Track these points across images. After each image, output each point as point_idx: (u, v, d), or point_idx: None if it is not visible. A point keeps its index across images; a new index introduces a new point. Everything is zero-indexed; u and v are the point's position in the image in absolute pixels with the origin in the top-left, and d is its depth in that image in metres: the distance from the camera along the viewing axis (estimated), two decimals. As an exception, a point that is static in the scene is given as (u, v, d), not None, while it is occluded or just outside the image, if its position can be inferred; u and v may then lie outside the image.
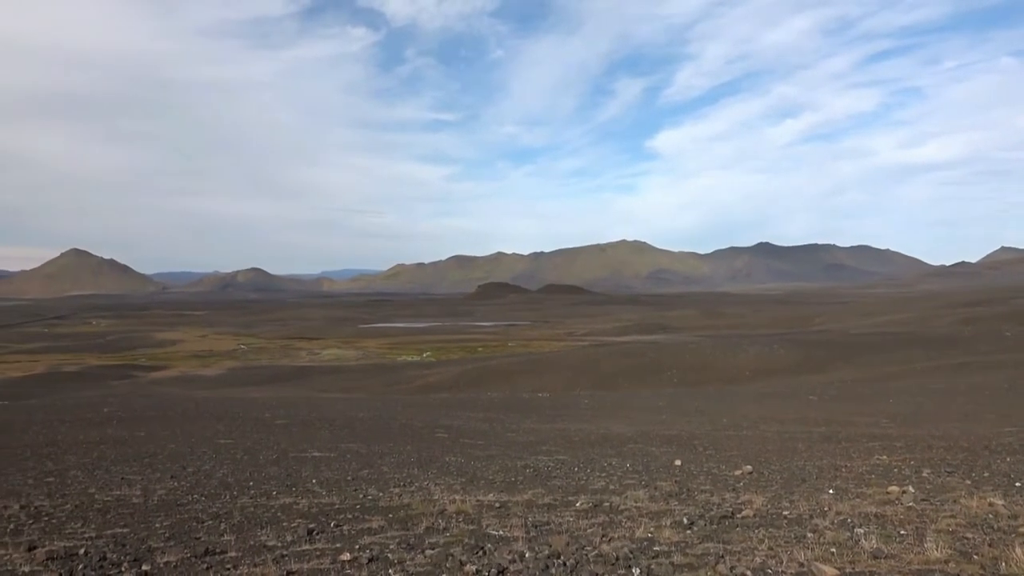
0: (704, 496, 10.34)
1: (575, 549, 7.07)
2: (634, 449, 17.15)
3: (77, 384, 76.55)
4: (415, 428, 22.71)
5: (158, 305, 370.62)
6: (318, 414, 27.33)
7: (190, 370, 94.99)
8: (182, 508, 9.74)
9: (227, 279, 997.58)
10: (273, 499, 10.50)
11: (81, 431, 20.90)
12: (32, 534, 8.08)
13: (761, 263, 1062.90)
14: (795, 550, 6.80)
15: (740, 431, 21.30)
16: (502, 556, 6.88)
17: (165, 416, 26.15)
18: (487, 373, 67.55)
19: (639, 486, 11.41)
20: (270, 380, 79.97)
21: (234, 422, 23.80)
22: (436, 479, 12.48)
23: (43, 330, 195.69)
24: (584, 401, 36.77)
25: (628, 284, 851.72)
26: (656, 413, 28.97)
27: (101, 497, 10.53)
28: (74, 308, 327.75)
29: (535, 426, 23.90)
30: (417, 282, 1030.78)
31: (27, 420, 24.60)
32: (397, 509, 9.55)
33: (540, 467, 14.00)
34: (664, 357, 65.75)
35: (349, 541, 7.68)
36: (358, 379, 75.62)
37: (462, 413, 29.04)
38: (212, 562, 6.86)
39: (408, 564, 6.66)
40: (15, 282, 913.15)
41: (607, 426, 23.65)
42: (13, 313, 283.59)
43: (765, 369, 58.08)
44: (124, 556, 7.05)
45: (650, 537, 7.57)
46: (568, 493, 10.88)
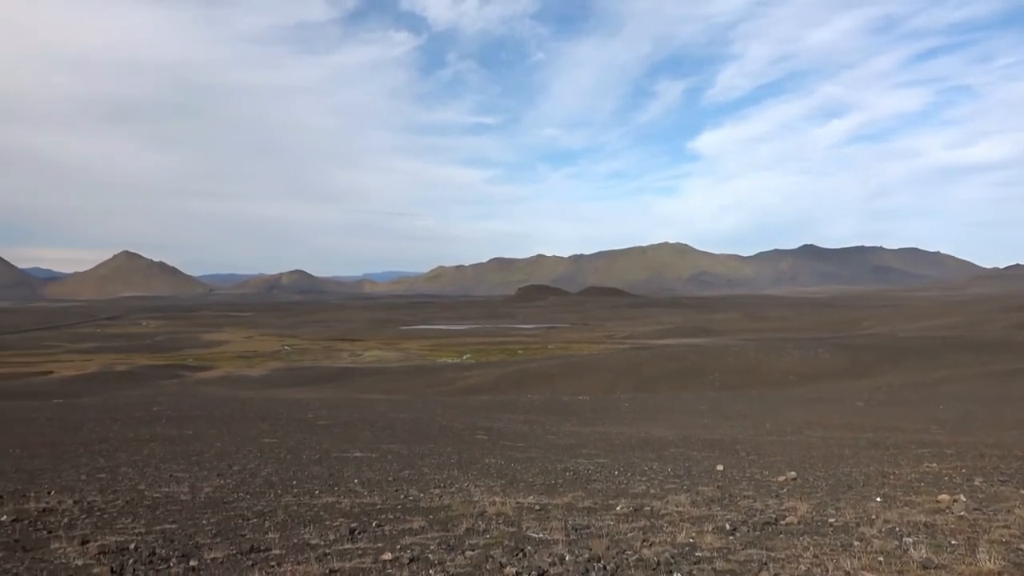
0: (747, 502, 10.21)
1: (615, 553, 7.04)
2: (675, 453, 17.00)
3: (127, 383, 78.49)
4: (455, 430, 22.81)
5: (205, 306, 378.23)
6: (360, 415, 27.62)
7: (235, 370, 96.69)
8: (228, 506, 9.92)
9: (272, 281, 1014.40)
10: (316, 498, 10.64)
11: (131, 429, 21.43)
12: (85, 528, 8.31)
13: (805, 265, 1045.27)
14: (841, 559, 6.68)
15: (784, 436, 20.98)
16: (542, 559, 6.89)
17: (211, 415, 26.67)
18: (527, 375, 67.55)
19: (680, 490, 11.31)
20: (313, 381, 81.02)
21: (278, 422, 24.17)
22: (476, 481, 12.52)
23: (96, 331, 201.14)
24: (625, 404, 36.55)
25: (669, 286, 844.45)
26: (698, 417, 28.68)
27: (150, 493, 10.78)
28: (125, 309, 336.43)
29: (575, 429, 23.84)
30: (457, 284, 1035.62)
31: (81, 418, 25.30)
32: (438, 510, 9.60)
33: (580, 470, 13.95)
34: (706, 360, 65.04)
35: (390, 541, 7.75)
36: (399, 380, 76.22)
37: (502, 415, 29.09)
38: (257, 559, 6.98)
39: (448, 565, 6.70)
40: (69, 284, 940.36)
41: (648, 430, 23.48)
42: (67, 314, 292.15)
43: (810, 373, 57.08)
44: (172, 551, 7.21)
45: (692, 542, 7.50)
46: (608, 496, 10.83)
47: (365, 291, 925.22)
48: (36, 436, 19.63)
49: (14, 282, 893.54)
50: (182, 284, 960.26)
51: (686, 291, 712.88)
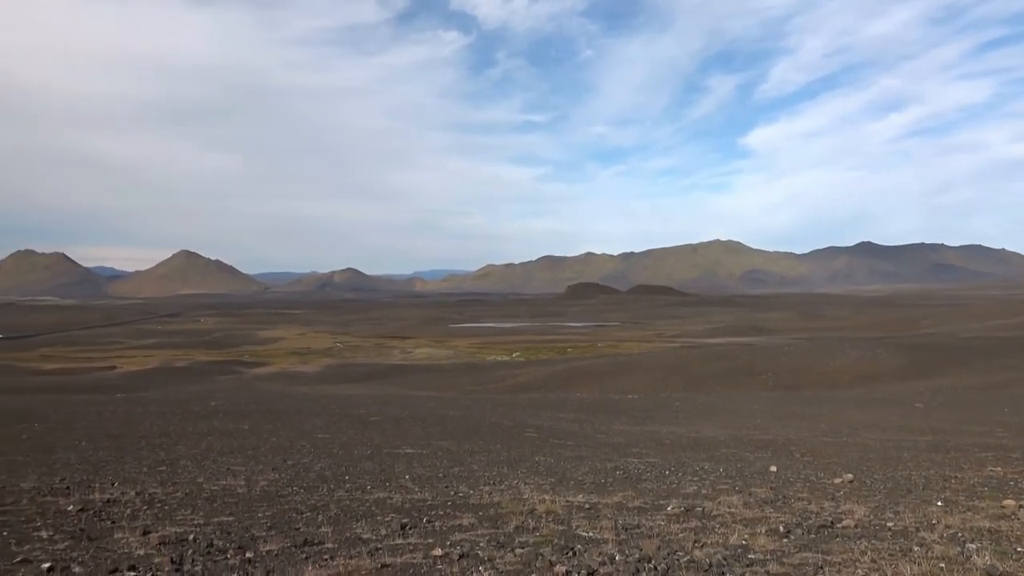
0: (801, 504, 10.02)
1: (666, 554, 6.97)
2: (727, 454, 16.77)
3: (186, 379, 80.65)
4: (505, 427, 22.87)
5: (260, 304, 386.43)
6: (410, 412, 27.89)
7: (290, 367, 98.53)
8: (283, 499, 10.12)
9: (324, 279, 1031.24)
10: (368, 493, 10.78)
11: (190, 423, 22.01)
12: (146, 519, 8.56)
13: (862, 263, 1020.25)
14: (900, 564, 6.51)
15: (840, 438, 20.52)
16: (592, 558, 6.86)
17: (267, 411, 27.23)
18: (576, 374, 67.36)
19: (733, 492, 11.15)
20: (365, 378, 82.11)
21: (331, 418, 24.56)
22: (526, 478, 12.54)
23: (156, 327, 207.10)
24: (675, 403, 36.18)
25: (721, 285, 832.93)
26: (750, 417, 28.24)
27: (208, 486, 11.06)
28: (184, 306, 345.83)
29: (625, 428, 23.69)
30: (506, 282, 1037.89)
31: (142, 412, 26.09)
32: (487, 507, 9.64)
33: (630, 469, 13.86)
34: (759, 360, 63.97)
35: (441, 537, 7.81)
36: (449, 378, 76.74)
37: (551, 413, 29.06)
38: (310, 552, 7.10)
39: (498, 562, 6.72)
40: (132, 282, 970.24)
41: (699, 429, 23.21)
42: (130, 311, 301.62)
43: (867, 374, 55.67)
44: (229, 543, 7.39)
45: (744, 544, 7.39)
46: (659, 496, 10.74)
47: (416, 289, 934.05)
48: (101, 429, 20.30)
49: (80, 280, 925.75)
50: (238, 282, 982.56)
51: (738, 289, 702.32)
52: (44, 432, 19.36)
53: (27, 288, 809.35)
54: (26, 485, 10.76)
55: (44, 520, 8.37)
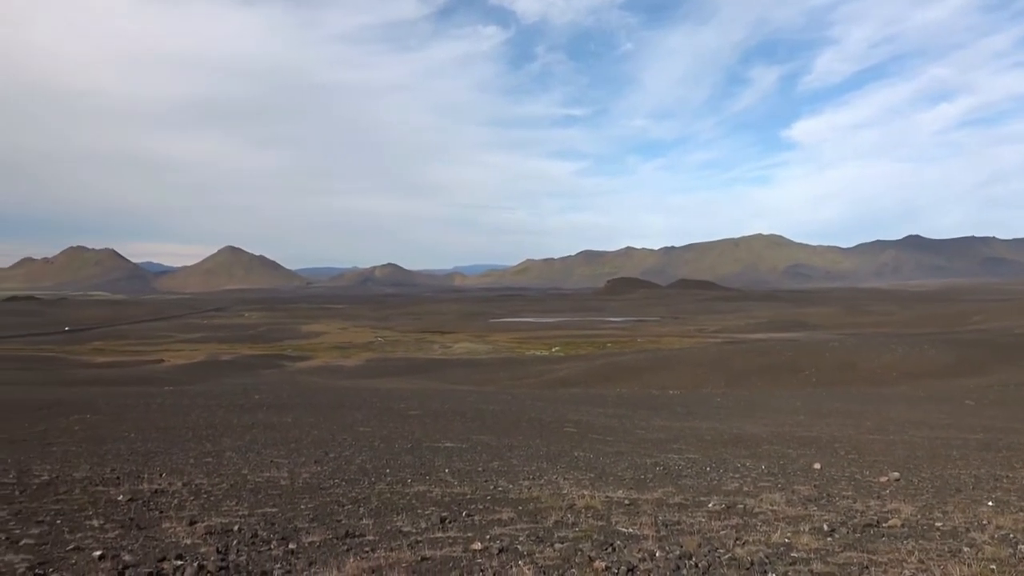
0: (846, 502, 9.84)
1: (707, 551, 6.91)
2: (769, 450, 16.56)
3: (231, 372, 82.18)
4: (544, 422, 22.87)
5: (303, 299, 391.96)
6: (450, 406, 28.04)
7: (332, 361, 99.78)
8: (324, 492, 10.25)
9: (365, 274, 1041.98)
10: (408, 487, 10.87)
11: (235, 416, 22.42)
12: (193, 510, 8.75)
13: (910, 257, 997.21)
14: (949, 565, 6.36)
15: (886, 435, 20.12)
16: (632, 554, 6.83)
17: (309, 404, 27.62)
18: (616, 369, 67.06)
19: (775, 489, 11.01)
20: (405, 372, 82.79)
21: (371, 411, 24.81)
22: (565, 473, 12.52)
23: (202, 322, 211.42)
24: (716, 400, 35.81)
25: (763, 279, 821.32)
26: (793, 414, 27.82)
27: (253, 478, 11.26)
28: (229, 301, 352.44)
29: (665, 423, 23.53)
30: (546, 277, 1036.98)
31: (189, 404, 26.65)
32: (527, 502, 9.65)
33: (670, 465, 13.77)
34: (802, 356, 62.95)
35: (480, 531, 7.84)
36: (488, 372, 76.99)
37: (591, 408, 28.98)
38: (352, 544, 7.19)
39: (537, 557, 6.72)
40: (178, 277, 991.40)
41: (740, 426, 22.95)
42: (177, 306, 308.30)
43: (914, 371, 54.44)
44: (273, 534, 7.52)
45: (787, 543, 7.28)
46: (700, 493, 10.65)
47: (455, 284, 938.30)
48: (149, 421, 20.80)
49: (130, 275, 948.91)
50: (281, 277, 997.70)
51: (781, 284, 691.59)
52: (96, 423, 19.90)
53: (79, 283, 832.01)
54: (79, 475, 11.07)
55: (96, 509, 8.61)
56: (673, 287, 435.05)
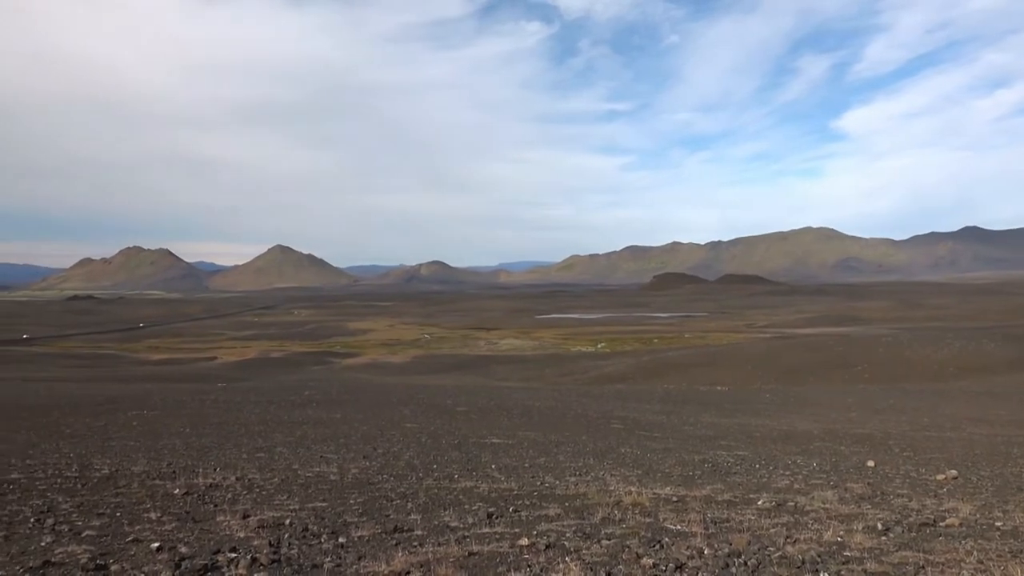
0: (901, 501, 9.61)
1: (757, 549, 6.81)
2: (821, 447, 16.26)
3: (282, 369, 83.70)
4: (590, 418, 22.80)
5: (351, 296, 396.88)
6: (496, 402, 28.13)
7: (379, 357, 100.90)
8: (373, 487, 10.38)
9: (412, 272, 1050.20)
10: (455, 482, 10.94)
11: (286, 412, 22.84)
12: (246, 503, 8.94)
13: (967, 249, 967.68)
14: (1010, 566, 6.16)
15: (943, 432, 19.59)
16: (680, 551, 6.77)
17: (358, 400, 27.98)
18: (663, 365, 66.51)
19: (827, 486, 10.80)
20: (451, 368, 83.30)
21: (419, 408, 25.03)
22: (612, 470, 12.47)
23: (254, 319, 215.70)
24: (765, 396, 35.26)
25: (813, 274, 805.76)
26: (845, 410, 27.26)
27: (303, 473, 11.46)
28: (279, 299, 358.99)
29: (713, 420, 23.26)
30: (591, 273, 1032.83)
31: (241, 401, 27.23)
32: (573, 498, 9.64)
33: (719, 462, 13.61)
34: (854, 351, 61.61)
35: (527, 527, 7.85)
36: (534, 369, 77.03)
37: (637, 405, 28.80)
38: (400, 539, 7.26)
39: (585, 553, 6.70)
40: (230, 276, 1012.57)
41: (790, 422, 22.57)
42: (229, 304, 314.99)
43: (972, 366, 52.84)
44: (323, 528, 7.64)
45: (840, 541, 7.14)
46: (749, 490, 10.50)
47: (501, 281, 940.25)
48: (203, 417, 21.31)
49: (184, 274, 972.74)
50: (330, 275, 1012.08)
51: (831, 278, 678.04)
52: (152, 419, 20.47)
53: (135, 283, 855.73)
54: (137, 469, 11.40)
55: (153, 502, 8.86)
56: (720, 282, 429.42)
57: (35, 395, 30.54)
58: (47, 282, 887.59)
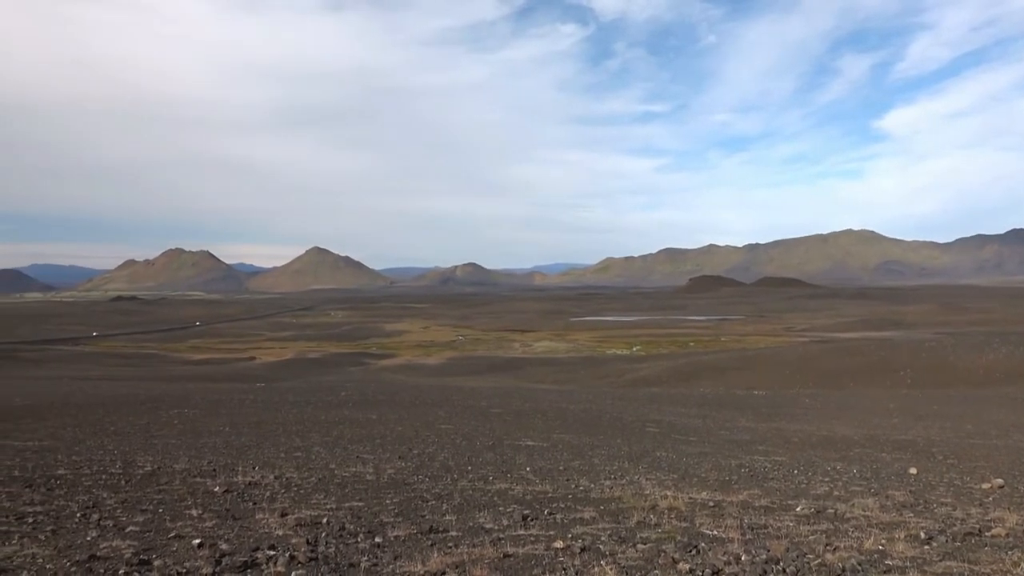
0: (944, 509, 9.40)
1: (795, 556, 6.71)
2: (861, 454, 15.97)
3: (319, 369, 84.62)
4: (625, 422, 22.69)
5: (386, 298, 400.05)
6: (531, 404, 28.13)
7: (414, 359, 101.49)
8: (408, 487, 10.45)
9: (447, 274, 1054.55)
10: (490, 484, 10.96)
11: (322, 412, 23.10)
12: (284, 502, 9.06)
13: (1015, 252, 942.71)
14: (1059, 578, 5.99)
15: (988, 439, 19.12)
16: (716, 557, 6.69)
17: (393, 401, 28.18)
18: (699, 368, 65.90)
19: (867, 494, 10.61)
20: (486, 370, 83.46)
21: (453, 409, 25.13)
22: (647, 474, 12.40)
23: (291, 320, 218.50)
24: (804, 400, 34.74)
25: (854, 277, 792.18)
26: (886, 416, 26.74)
27: (340, 472, 11.57)
28: (316, 300, 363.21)
29: (750, 424, 22.99)
30: (626, 275, 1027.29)
31: (279, 401, 27.61)
32: (608, 501, 9.60)
33: (756, 467, 13.45)
34: (896, 355, 60.40)
35: (562, 529, 7.83)
36: (569, 371, 76.83)
37: (673, 408, 28.58)
38: (436, 539, 7.30)
39: (620, 557, 6.66)
40: (269, 277, 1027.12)
41: (830, 427, 22.22)
42: (268, 305, 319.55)
43: (1019, 371, 51.43)
44: (360, 527, 7.71)
45: (881, 550, 7.00)
46: (787, 496, 10.36)
47: (535, 283, 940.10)
48: (242, 416, 21.65)
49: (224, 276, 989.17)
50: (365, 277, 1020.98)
51: (873, 281, 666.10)
52: (193, 418, 20.85)
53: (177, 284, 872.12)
54: (178, 466, 11.63)
55: (194, 499, 9.03)
56: (758, 285, 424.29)
57: (81, 393, 31.30)
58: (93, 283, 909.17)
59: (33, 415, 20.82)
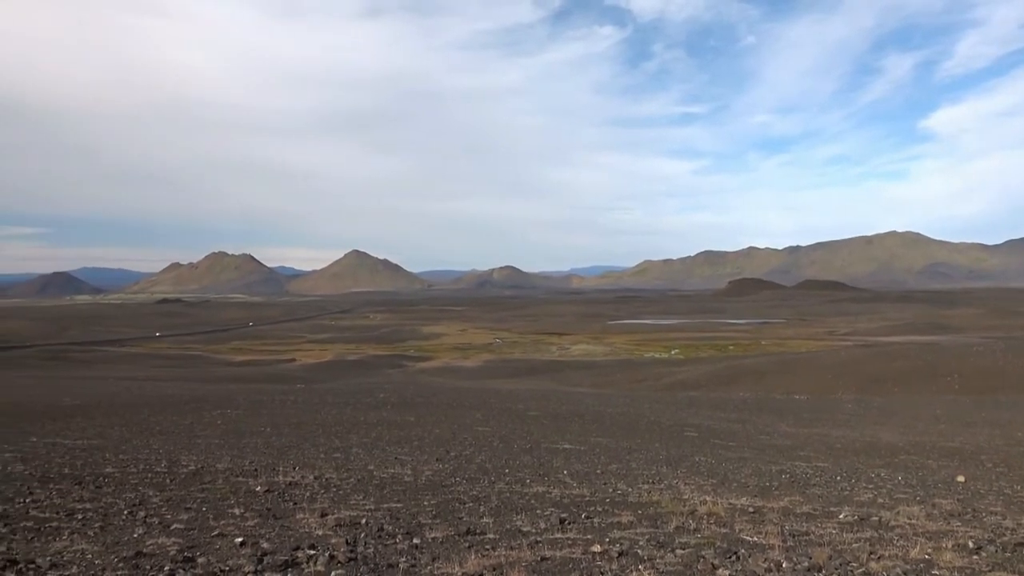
0: (994, 519, 9.15)
1: (839, 564, 6.59)
2: (906, 461, 15.64)
3: (358, 371, 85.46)
4: (663, 426, 22.52)
5: (424, 301, 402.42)
6: (568, 407, 28.06)
7: (452, 361, 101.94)
8: (446, 489, 10.50)
9: (484, 276, 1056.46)
10: (527, 487, 10.96)
11: (361, 413, 23.32)
12: (324, 502, 9.17)
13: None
14: (1115, 591, 5.80)
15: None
16: (757, 563, 6.60)
17: (431, 403, 28.34)
18: (738, 372, 65.09)
19: (913, 502, 10.38)
20: (523, 373, 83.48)
21: (490, 412, 25.18)
22: (686, 478, 12.28)
23: (331, 323, 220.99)
24: (847, 406, 34.12)
25: (899, 279, 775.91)
26: (933, 422, 26.14)
27: (378, 473, 11.67)
28: (355, 303, 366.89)
29: (791, 429, 22.65)
30: (664, 278, 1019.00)
31: (319, 402, 27.94)
32: (646, 506, 9.53)
33: (797, 473, 13.24)
34: (943, 360, 58.97)
35: (599, 533, 7.80)
36: (606, 374, 76.47)
37: (712, 413, 28.28)
38: (473, 541, 7.32)
39: (658, 562, 6.61)
40: (309, 280, 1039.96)
41: (874, 433, 21.79)
42: (308, 308, 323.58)
43: (1074, 377, 49.84)
44: (398, 529, 7.76)
45: (927, 559, 6.83)
46: (829, 503, 10.18)
47: (573, 286, 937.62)
48: (283, 417, 21.96)
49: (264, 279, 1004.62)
50: (403, 280, 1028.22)
51: (918, 284, 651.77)
52: (235, 418, 21.21)
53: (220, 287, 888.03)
54: (221, 466, 11.83)
55: (236, 498, 9.18)
56: (799, 288, 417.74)
57: (127, 393, 32.05)
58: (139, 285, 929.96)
59: (82, 414, 21.37)
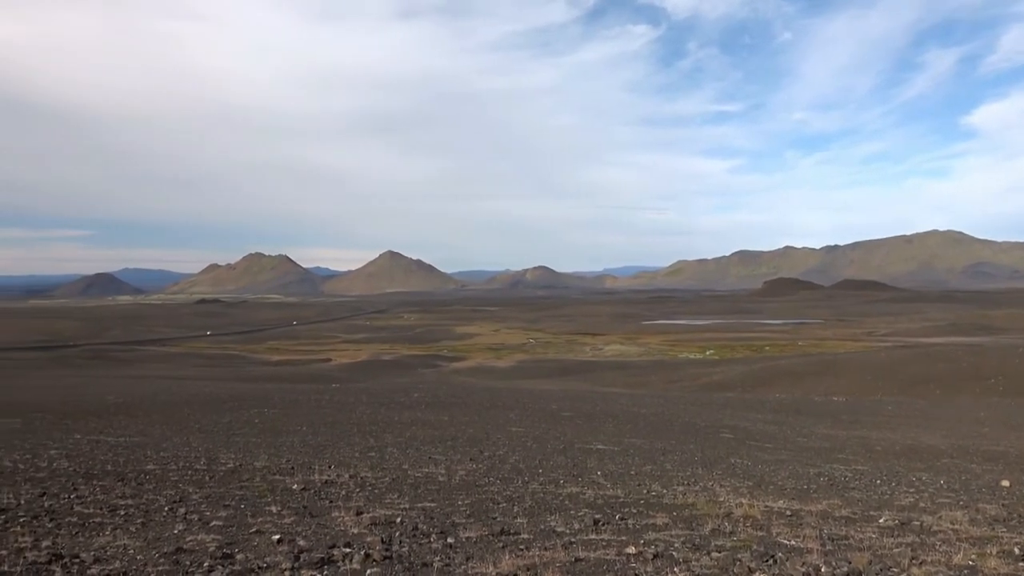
0: (1041, 525, 8.92)
1: (879, 569, 6.47)
2: (949, 464, 15.32)
3: (392, 371, 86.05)
4: (698, 427, 22.33)
5: (458, 301, 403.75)
6: (602, 408, 27.96)
7: (485, 361, 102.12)
8: (480, 489, 10.53)
9: (517, 277, 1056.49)
10: (561, 487, 10.94)
11: (396, 413, 23.48)
12: (359, 501, 9.25)
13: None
14: None
15: (1090, 452, 18.06)
16: (794, 567, 6.51)
17: (464, 403, 28.43)
18: (775, 373, 64.27)
19: (956, 506, 10.16)
20: (556, 373, 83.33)
21: (524, 412, 25.19)
22: (721, 480, 12.17)
23: (366, 323, 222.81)
24: (887, 408, 33.51)
25: (940, 279, 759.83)
26: (976, 425, 25.56)
27: (413, 473, 11.74)
28: (389, 303, 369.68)
29: (829, 432, 22.31)
30: (699, 279, 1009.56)
31: (354, 402, 28.19)
32: (681, 507, 9.46)
33: (836, 476, 13.04)
34: (986, 362, 57.61)
35: (634, 535, 7.76)
36: (640, 375, 76.02)
37: (748, 414, 27.97)
38: (507, 541, 7.32)
39: (694, 564, 6.55)
40: (343, 281, 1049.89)
41: (915, 436, 21.37)
42: (343, 308, 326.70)
43: (1125, 380, 48.38)
44: (432, 528, 7.80)
45: (971, 565, 6.68)
46: (869, 507, 10.01)
47: (606, 286, 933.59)
48: (319, 416, 22.20)
49: (300, 279, 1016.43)
50: (437, 280, 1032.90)
51: (961, 284, 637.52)
52: (272, 417, 21.50)
53: (257, 287, 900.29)
54: (258, 464, 12.00)
55: (273, 496, 9.31)
56: (837, 287, 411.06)
57: (167, 392, 32.65)
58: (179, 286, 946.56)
59: (125, 413, 21.83)
